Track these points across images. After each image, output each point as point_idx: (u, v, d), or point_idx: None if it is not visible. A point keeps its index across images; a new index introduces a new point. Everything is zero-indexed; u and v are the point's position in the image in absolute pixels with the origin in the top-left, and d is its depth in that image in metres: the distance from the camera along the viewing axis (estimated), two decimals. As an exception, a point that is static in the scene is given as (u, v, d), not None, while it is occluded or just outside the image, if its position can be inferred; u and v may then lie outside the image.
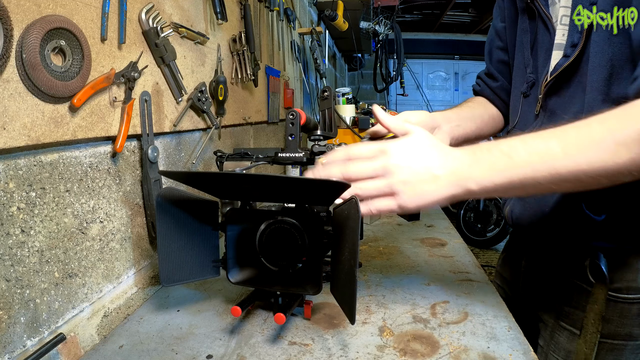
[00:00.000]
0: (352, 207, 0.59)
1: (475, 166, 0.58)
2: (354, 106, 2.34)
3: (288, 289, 0.70)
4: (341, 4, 2.46)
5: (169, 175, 0.75)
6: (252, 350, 0.64)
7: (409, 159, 0.59)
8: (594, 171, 0.53)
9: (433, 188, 0.58)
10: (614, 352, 0.78)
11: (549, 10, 0.75)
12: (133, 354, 0.63)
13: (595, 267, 0.75)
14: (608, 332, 0.76)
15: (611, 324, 0.76)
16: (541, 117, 0.78)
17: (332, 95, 1.00)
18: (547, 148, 0.55)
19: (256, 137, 1.56)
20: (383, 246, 1.12)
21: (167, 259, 0.69)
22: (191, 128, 0.99)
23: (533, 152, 0.56)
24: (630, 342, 0.77)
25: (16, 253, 0.53)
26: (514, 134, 0.85)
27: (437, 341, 0.66)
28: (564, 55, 0.71)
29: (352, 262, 0.58)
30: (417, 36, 7.70)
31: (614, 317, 0.76)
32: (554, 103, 0.75)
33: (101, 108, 0.67)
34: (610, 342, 0.77)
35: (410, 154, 0.59)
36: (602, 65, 0.65)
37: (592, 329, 0.76)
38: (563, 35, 0.72)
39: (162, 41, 0.80)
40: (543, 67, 0.77)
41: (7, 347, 0.52)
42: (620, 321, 0.76)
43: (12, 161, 0.53)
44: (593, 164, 0.53)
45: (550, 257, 0.85)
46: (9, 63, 0.49)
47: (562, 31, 0.72)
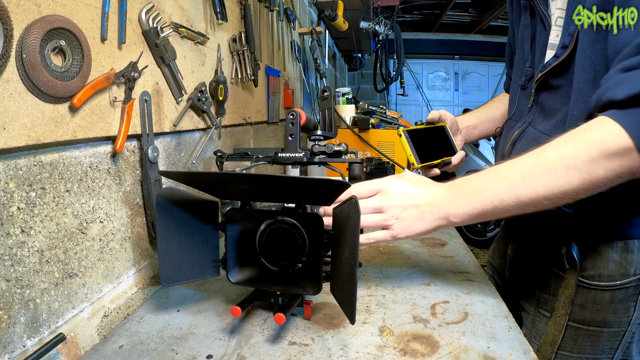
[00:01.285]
0: (352, 207, 0.59)
1: (452, 202, 0.68)
2: (354, 106, 2.33)
3: (288, 289, 0.70)
4: (341, 4, 2.46)
5: (169, 175, 0.75)
6: (252, 350, 0.64)
7: (399, 199, 0.69)
8: (552, 195, 0.60)
9: (419, 223, 0.69)
10: (591, 338, 0.82)
11: (547, 9, 0.78)
12: (133, 354, 0.63)
13: (570, 254, 0.80)
14: (584, 318, 0.81)
15: (586, 310, 0.81)
16: (534, 110, 0.84)
17: (332, 95, 1.00)
18: (510, 181, 0.64)
19: (256, 137, 1.56)
20: (383, 246, 1.12)
21: (167, 259, 0.69)
22: (191, 128, 0.99)
23: (498, 186, 0.65)
24: (605, 329, 0.80)
25: (16, 253, 0.53)
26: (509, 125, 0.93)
27: (437, 341, 0.66)
28: (555, 55, 0.75)
29: (352, 262, 0.58)
30: (417, 36, 7.70)
31: (587, 303, 0.80)
32: (545, 98, 0.81)
33: (101, 108, 0.67)
34: (587, 328, 0.81)
35: (400, 193, 0.69)
36: (586, 68, 0.69)
37: (562, 312, 0.82)
38: (557, 35, 0.76)
39: (162, 41, 0.80)
40: (539, 63, 0.81)
41: (7, 347, 0.52)
42: (594, 307, 0.80)
43: (12, 161, 0.53)
44: (549, 189, 0.60)
45: (531, 246, 0.91)
46: (9, 63, 0.49)
47: (556, 32, 0.76)
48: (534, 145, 0.73)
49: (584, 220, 0.78)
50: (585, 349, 0.82)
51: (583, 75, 0.70)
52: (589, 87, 0.69)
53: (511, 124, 0.91)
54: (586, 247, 0.80)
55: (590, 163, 0.57)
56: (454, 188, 0.69)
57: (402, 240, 0.70)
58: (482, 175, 0.68)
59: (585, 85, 0.69)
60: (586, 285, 0.80)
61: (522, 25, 0.88)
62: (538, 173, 0.61)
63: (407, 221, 0.68)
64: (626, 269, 0.77)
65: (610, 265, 0.78)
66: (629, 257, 0.77)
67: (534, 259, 0.90)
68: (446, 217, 0.68)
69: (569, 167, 0.59)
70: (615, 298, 0.78)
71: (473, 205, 0.66)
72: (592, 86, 0.68)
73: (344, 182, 0.57)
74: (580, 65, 0.70)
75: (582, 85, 0.70)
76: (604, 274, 0.78)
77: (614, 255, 0.77)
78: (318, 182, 0.60)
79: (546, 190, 0.60)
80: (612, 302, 0.79)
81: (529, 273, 0.91)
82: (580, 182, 0.58)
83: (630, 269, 0.77)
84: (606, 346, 0.81)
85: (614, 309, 0.79)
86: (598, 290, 0.79)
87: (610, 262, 0.77)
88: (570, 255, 0.80)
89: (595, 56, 0.68)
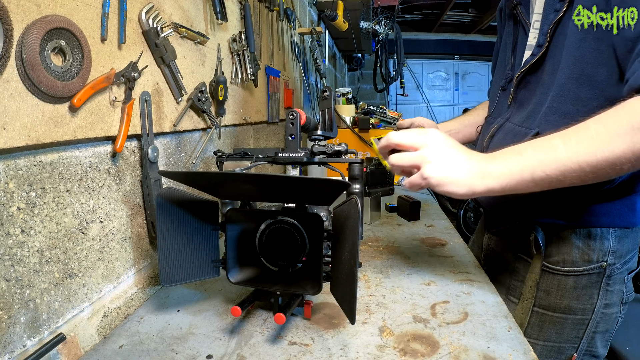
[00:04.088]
0: (352, 207, 0.59)
1: (492, 160, 0.66)
2: (354, 106, 2.33)
3: (288, 289, 0.70)
4: (341, 4, 2.46)
5: (169, 175, 0.75)
6: (252, 350, 0.64)
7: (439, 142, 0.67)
8: (595, 162, 0.59)
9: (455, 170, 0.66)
10: (556, 325, 0.85)
11: (528, 18, 0.86)
12: (133, 354, 0.63)
13: (537, 241, 0.84)
14: (549, 303, 0.85)
15: (551, 296, 0.84)
16: (512, 107, 0.90)
17: (332, 95, 1.00)
18: (551, 145, 0.63)
19: (256, 137, 1.56)
20: (383, 246, 1.12)
21: (167, 259, 0.69)
22: (191, 128, 0.99)
23: (539, 149, 0.63)
24: (570, 316, 0.84)
25: (16, 253, 0.53)
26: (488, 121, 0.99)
27: (437, 341, 0.66)
28: (532, 54, 0.82)
29: (352, 262, 0.58)
30: (417, 36, 7.70)
31: (552, 288, 0.84)
32: (522, 95, 0.87)
33: (101, 108, 0.67)
34: (551, 314, 0.85)
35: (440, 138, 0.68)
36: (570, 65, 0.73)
37: (528, 295, 0.86)
38: (534, 37, 0.83)
39: (162, 41, 0.80)
40: (518, 66, 0.89)
41: (7, 347, 0.52)
42: (558, 293, 0.84)
43: (12, 161, 0.53)
44: (592, 156, 0.59)
45: (503, 234, 0.96)
46: (9, 63, 0.49)
47: (534, 34, 0.83)
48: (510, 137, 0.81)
49: (551, 205, 0.81)
50: (551, 337, 0.85)
51: (567, 71, 0.73)
52: (572, 82, 0.73)
53: (490, 120, 0.98)
54: (551, 234, 0.83)
55: (633, 132, 0.57)
56: (493, 155, 0.68)
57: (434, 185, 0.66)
58: (522, 144, 0.66)
59: (568, 80, 0.73)
60: (551, 270, 0.84)
61: (506, 32, 0.96)
62: (582, 138, 0.60)
63: (442, 165, 0.66)
64: (589, 255, 0.81)
65: (573, 252, 0.81)
66: (592, 244, 0.80)
67: (505, 247, 0.94)
68: (482, 173, 0.65)
69: (612, 134, 0.58)
70: (578, 284, 0.82)
71: (512, 167, 0.64)
72: (575, 82, 0.72)
73: (344, 182, 0.57)
74: (565, 62, 0.73)
75: (564, 80, 0.74)
76: (567, 259, 0.82)
77: (577, 241, 0.81)
78: (318, 182, 0.60)
79: (589, 156, 0.59)
80: (576, 288, 0.82)
81: (501, 261, 0.95)
82: (623, 151, 0.58)
83: (593, 255, 0.81)
84: (571, 334, 0.84)
85: (578, 295, 0.82)
86: (562, 276, 0.83)
87: (574, 248, 0.81)
88: (536, 241, 0.83)
89: (581, 54, 0.70)
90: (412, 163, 0.68)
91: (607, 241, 0.80)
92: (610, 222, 0.80)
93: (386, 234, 1.23)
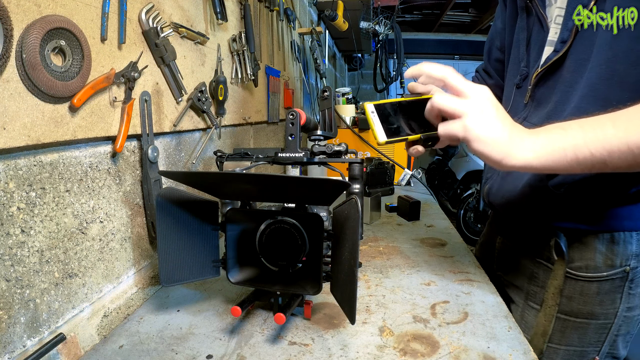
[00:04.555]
0: (352, 207, 0.59)
1: (532, 133, 0.61)
2: (354, 106, 2.34)
3: (288, 289, 0.70)
4: (341, 4, 2.46)
5: (169, 175, 0.75)
6: (252, 350, 0.64)
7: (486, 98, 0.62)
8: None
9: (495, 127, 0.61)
10: (578, 330, 0.83)
11: (545, 11, 0.81)
12: (133, 354, 0.63)
13: (558, 246, 0.81)
14: (571, 309, 0.82)
15: (574, 302, 0.82)
16: (529, 105, 0.85)
17: (332, 95, 1.00)
18: (599, 123, 0.58)
19: (256, 137, 1.56)
20: (383, 246, 1.12)
21: (167, 259, 0.69)
22: (191, 128, 0.99)
23: (586, 127, 0.58)
24: (592, 321, 0.82)
25: (16, 253, 0.53)
26: None
27: (437, 341, 0.66)
28: (554, 50, 0.78)
29: (352, 262, 0.58)
30: (417, 36, 7.69)
31: (575, 294, 0.82)
32: (541, 93, 0.82)
33: (101, 108, 0.67)
34: (574, 319, 0.83)
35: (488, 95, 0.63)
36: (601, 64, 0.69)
37: (551, 303, 0.83)
38: (555, 33, 0.78)
39: (162, 41, 0.80)
40: (535, 62, 0.84)
41: (7, 347, 0.52)
42: (581, 299, 0.81)
43: (12, 161, 0.53)
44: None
45: (519, 239, 0.92)
46: (9, 63, 0.49)
47: (555, 30, 0.78)
48: None
49: (574, 209, 0.78)
50: (573, 342, 0.83)
51: (597, 70, 0.69)
52: (603, 82, 0.69)
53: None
54: (573, 239, 0.81)
55: None
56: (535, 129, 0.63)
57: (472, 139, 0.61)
58: (566, 122, 0.61)
59: (599, 80, 0.69)
60: (573, 276, 0.81)
61: (519, 27, 0.89)
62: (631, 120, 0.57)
63: (487, 121, 0.61)
64: (612, 260, 0.79)
65: (596, 257, 0.79)
66: (615, 248, 0.78)
67: (522, 252, 0.91)
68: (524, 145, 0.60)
69: None
70: (601, 289, 0.80)
71: (555, 143, 0.59)
72: (606, 82, 0.68)
73: (344, 182, 0.57)
74: (596, 61, 0.70)
75: (595, 80, 0.70)
76: (590, 265, 0.80)
77: (600, 246, 0.79)
78: (318, 182, 0.60)
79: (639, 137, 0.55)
80: (599, 293, 0.80)
81: (517, 266, 0.92)
82: None
83: (617, 260, 0.78)
84: (593, 338, 0.83)
85: (601, 300, 0.80)
86: (585, 282, 0.80)
87: (597, 253, 0.79)
88: (558, 247, 0.81)
89: (613, 53, 0.67)
90: (457, 109, 0.62)
91: (630, 245, 0.78)
92: (634, 226, 0.77)
93: (386, 234, 1.23)
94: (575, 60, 0.74)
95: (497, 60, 1.04)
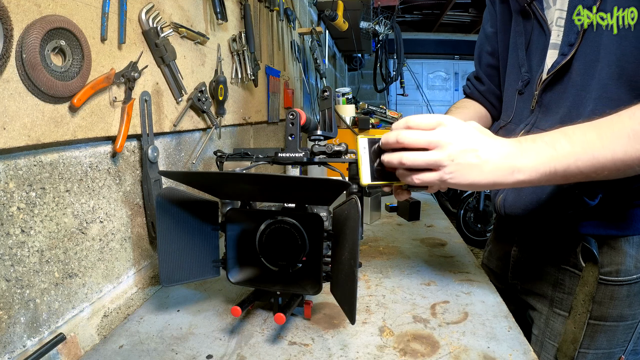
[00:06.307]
0: (352, 207, 0.59)
1: (521, 155, 0.61)
2: (354, 106, 2.34)
3: (288, 289, 0.70)
4: (341, 4, 2.46)
5: (169, 175, 0.75)
6: (252, 350, 0.64)
7: (460, 138, 0.60)
8: (630, 159, 0.57)
9: (476, 172, 0.60)
10: (607, 333, 0.82)
11: (544, 13, 0.78)
12: (133, 354, 0.63)
13: (585, 252, 0.80)
14: (601, 314, 0.81)
15: (603, 307, 0.81)
16: (536, 112, 0.83)
17: (332, 95, 1.00)
18: (587, 139, 0.59)
19: (256, 137, 1.56)
20: (383, 246, 1.12)
21: (167, 259, 0.69)
22: (191, 128, 0.99)
23: (575, 143, 0.59)
24: (621, 323, 0.81)
25: (16, 253, 0.53)
26: (509, 128, 0.90)
27: (437, 341, 0.66)
28: (561, 53, 0.75)
29: (352, 262, 0.58)
30: (417, 36, 7.69)
31: (605, 299, 0.80)
32: (549, 99, 0.80)
33: (101, 108, 0.67)
34: (603, 324, 0.82)
35: (463, 133, 0.61)
36: (610, 64, 0.68)
37: (582, 310, 0.81)
38: (558, 35, 0.76)
39: (162, 41, 0.80)
40: (538, 66, 0.82)
41: (7, 347, 0.52)
42: (611, 303, 0.80)
43: (12, 161, 0.53)
44: (629, 153, 0.57)
45: (542, 245, 0.89)
46: (9, 63, 0.49)
47: (557, 32, 0.76)
48: None
49: (606, 215, 0.77)
50: (602, 345, 0.82)
51: (607, 70, 0.69)
52: (613, 82, 0.68)
53: (511, 127, 0.90)
54: (601, 244, 0.79)
55: None
56: (524, 142, 0.62)
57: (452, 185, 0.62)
58: (554, 133, 0.62)
59: (610, 80, 0.69)
60: (604, 281, 0.79)
61: (515, 31, 0.87)
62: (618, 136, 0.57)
63: (463, 166, 0.60)
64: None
65: (627, 261, 0.78)
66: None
67: (544, 259, 0.88)
68: (511, 169, 0.60)
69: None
70: (631, 292, 0.79)
71: (544, 161, 0.60)
72: (617, 81, 0.68)
73: (344, 182, 0.57)
74: (605, 62, 0.69)
75: (606, 81, 0.69)
76: (621, 269, 0.78)
77: (630, 250, 0.78)
78: (318, 182, 0.60)
79: (626, 153, 0.57)
80: (629, 296, 0.79)
81: (539, 273, 0.89)
82: None
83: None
84: (621, 339, 0.82)
85: (630, 302, 0.79)
86: (615, 286, 0.79)
87: (628, 257, 0.78)
88: (587, 253, 0.79)
89: (622, 52, 0.67)
90: (429, 164, 0.61)
91: None
92: None
93: (386, 234, 1.23)
94: (583, 62, 0.72)
95: (489, 65, 1.01)
